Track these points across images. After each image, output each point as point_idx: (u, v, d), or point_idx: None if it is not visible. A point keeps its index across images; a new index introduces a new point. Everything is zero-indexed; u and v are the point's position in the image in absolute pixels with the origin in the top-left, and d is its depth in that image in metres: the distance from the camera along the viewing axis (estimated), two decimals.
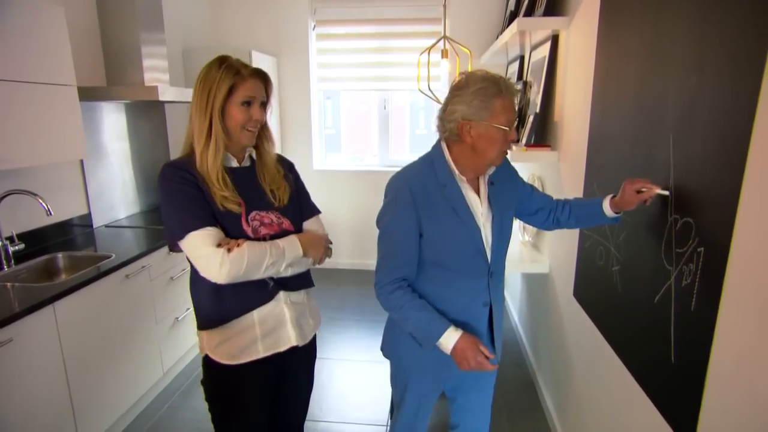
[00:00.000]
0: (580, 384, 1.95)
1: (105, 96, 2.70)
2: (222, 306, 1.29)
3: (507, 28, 2.66)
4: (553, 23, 2.18)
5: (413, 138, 4.93)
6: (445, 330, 1.27)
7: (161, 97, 2.60)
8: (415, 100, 4.75)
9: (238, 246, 1.21)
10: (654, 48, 1.29)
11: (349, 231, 4.53)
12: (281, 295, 1.35)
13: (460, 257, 1.33)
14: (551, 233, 2.42)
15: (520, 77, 3.06)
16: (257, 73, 1.28)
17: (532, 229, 2.81)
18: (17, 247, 2.25)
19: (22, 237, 2.31)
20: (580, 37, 1.98)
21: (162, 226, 1.28)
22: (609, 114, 1.63)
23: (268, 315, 1.33)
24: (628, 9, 1.48)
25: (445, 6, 3.19)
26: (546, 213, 1.53)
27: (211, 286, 1.25)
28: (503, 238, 1.40)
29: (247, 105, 1.26)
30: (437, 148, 1.36)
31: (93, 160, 2.79)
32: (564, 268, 2.18)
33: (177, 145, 1.36)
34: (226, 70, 1.23)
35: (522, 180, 1.52)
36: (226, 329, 1.31)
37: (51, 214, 2.18)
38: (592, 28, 1.81)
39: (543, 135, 2.43)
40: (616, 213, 1.37)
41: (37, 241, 2.42)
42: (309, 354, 1.52)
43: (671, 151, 1.18)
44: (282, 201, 1.37)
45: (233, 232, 1.26)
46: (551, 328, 2.41)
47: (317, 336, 1.52)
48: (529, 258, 2.62)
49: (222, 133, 1.25)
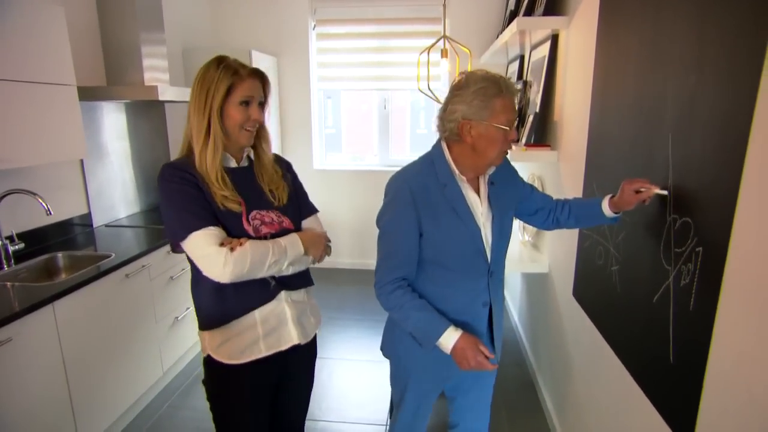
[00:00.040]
0: (579, 383, 1.95)
1: (105, 96, 2.70)
2: (224, 306, 1.29)
3: (507, 27, 2.66)
4: (553, 23, 2.18)
5: (414, 138, 4.93)
6: (445, 330, 1.27)
7: (161, 97, 2.60)
8: (416, 99, 4.75)
9: (240, 245, 1.21)
10: (653, 47, 1.29)
11: (349, 231, 4.53)
12: (282, 294, 1.35)
13: (460, 257, 1.33)
14: (551, 233, 2.42)
15: (520, 77, 3.06)
16: (255, 73, 1.29)
17: (531, 229, 2.81)
18: (17, 247, 2.25)
19: (22, 236, 2.31)
20: (579, 37, 1.98)
21: (162, 225, 1.28)
22: (608, 113, 1.63)
23: (269, 314, 1.33)
24: (627, 8, 1.48)
25: (445, 5, 3.19)
26: (546, 213, 1.53)
27: (213, 286, 1.25)
28: (503, 237, 1.40)
29: (246, 105, 1.26)
30: (437, 147, 1.36)
31: (93, 159, 2.80)
32: (563, 267, 2.18)
33: (177, 145, 1.36)
34: (224, 70, 1.23)
35: (522, 180, 1.52)
36: (228, 329, 1.31)
37: (51, 213, 2.19)
38: (591, 27, 1.81)
39: (543, 134, 2.43)
40: (615, 213, 1.37)
41: (37, 241, 2.42)
42: (310, 353, 1.52)
43: (670, 151, 1.18)
44: (281, 201, 1.37)
45: (234, 231, 1.26)
46: (551, 327, 2.41)
47: (317, 335, 1.52)
48: (529, 258, 2.61)
49: (221, 133, 1.25)
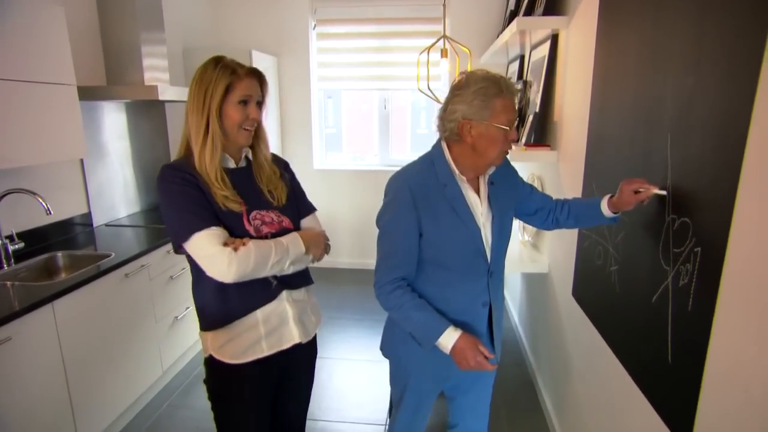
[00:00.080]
0: (578, 384, 1.95)
1: (105, 95, 2.71)
2: (226, 306, 1.29)
3: (507, 27, 2.66)
4: (553, 23, 2.18)
5: (414, 137, 4.93)
6: (445, 330, 1.27)
7: (161, 97, 2.60)
8: (417, 99, 4.75)
9: (243, 245, 1.22)
10: (653, 47, 1.29)
11: (350, 230, 4.53)
12: (284, 294, 1.36)
13: (459, 257, 1.33)
14: (550, 233, 2.42)
15: (520, 76, 3.06)
16: (253, 72, 1.29)
17: (531, 229, 2.80)
18: (17, 246, 2.25)
19: (22, 236, 2.31)
20: (579, 37, 1.98)
21: (162, 225, 1.28)
22: (608, 113, 1.63)
23: (271, 313, 1.34)
24: (627, 8, 1.48)
25: (445, 5, 3.19)
26: (545, 213, 1.53)
27: (216, 286, 1.25)
28: (503, 238, 1.39)
29: (244, 104, 1.26)
30: (437, 147, 1.35)
31: (93, 159, 2.80)
32: (563, 267, 2.18)
33: (177, 145, 1.36)
34: (222, 69, 1.23)
35: (522, 180, 1.52)
36: (230, 329, 1.31)
37: (50, 213, 2.19)
38: (591, 27, 1.80)
39: (542, 134, 2.43)
40: (614, 213, 1.37)
41: (37, 240, 2.42)
42: (310, 351, 1.52)
43: (669, 151, 1.18)
44: (280, 201, 1.38)
45: (236, 231, 1.27)
46: (550, 327, 2.41)
47: (317, 334, 1.52)
48: (529, 258, 2.61)
49: (219, 133, 1.25)
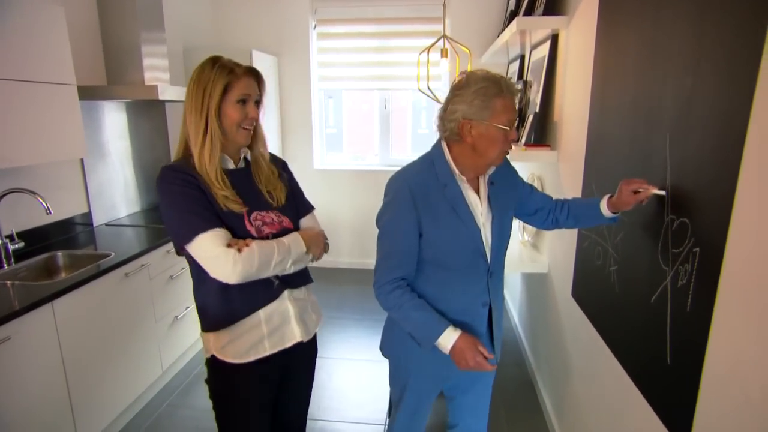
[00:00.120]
0: (578, 384, 1.95)
1: (105, 95, 2.71)
2: (229, 307, 1.29)
3: (507, 27, 2.66)
4: (553, 22, 2.17)
5: (415, 137, 4.93)
6: (444, 330, 1.27)
7: (161, 96, 2.61)
8: (417, 99, 4.76)
9: (247, 245, 1.22)
10: (652, 47, 1.29)
11: (350, 230, 4.53)
12: (285, 293, 1.36)
13: (459, 257, 1.33)
14: (550, 233, 2.41)
15: (520, 76, 3.06)
16: (250, 71, 1.29)
17: (531, 229, 2.80)
18: (17, 246, 2.25)
19: (22, 235, 2.32)
20: (579, 37, 1.98)
21: (162, 225, 1.28)
22: (607, 113, 1.62)
23: (273, 313, 1.34)
24: (627, 8, 1.48)
25: (445, 5, 3.19)
26: (545, 213, 1.52)
27: (218, 287, 1.25)
28: (503, 238, 1.39)
29: (243, 103, 1.27)
30: (437, 147, 1.35)
31: (93, 158, 2.80)
32: (562, 267, 2.18)
33: (177, 144, 1.36)
34: (219, 69, 1.23)
35: (522, 180, 1.52)
36: (233, 329, 1.31)
37: (50, 212, 2.19)
38: (591, 27, 1.80)
39: (542, 134, 2.43)
40: (613, 213, 1.37)
41: (38, 240, 2.43)
42: (311, 351, 1.53)
43: (668, 151, 1.18)
44: (280, 201, 1.38)
45: (237, 232, 1.27)
46: (550, 327, 2.40)
47: (317, 333, 1.53)
48: (529, 258, 2.61)
49: (219, 132, 1.25)
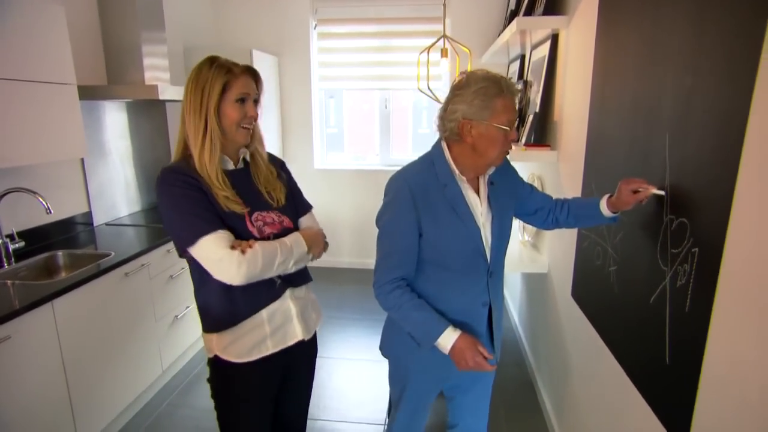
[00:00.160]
0: (578, 384, 1.95)
1: (105, 95, 2.71)
2: (232, 307, 1.30)
3: (507, 27, 2.66)
4: (553, 22, 2.17)
5: (416, 137, 4.92)
6: (444, 330, 1.27)
7: (161, 96, 2.61)
8: (418, 99, 4.75)
9: (250, 247, 1.22)
10: (652, 47, 1.29)
11: (350, 230, 4.53)
12: (287, 292, 1.37)
13: (459, 257, 1.32)
14: (550, 233, 2.41)
15: (520, 76, 3.05)
16: (248, 70, 1.29)
17: (531, 229, 2.80)
18: (17, 245, 2.26)
19: (22, 235, 2.32)
20: (579, 37, 1.98)
21: (162, 225, 1.28)
22: (607, 113, 1.62)
23: (276, 312, 1.35)
24: (626, 7, 1.48)
25: (445, 5, 3.19)
26: (545, 213, 1.52)
27: (221, 288, 1.25)
28: (503, 238, 1.39)
29: (241, 102, 1.27)
30: (437, 147, 1.35)
31: (94, 158, 2.81)
32: (562, 267, 2.18)
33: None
34: (217, 69, 1.23)
35: (521, 180, 1.52)
36: (236, 329, 1.31)
37: (51, 212, 2.19)
38: (591, 27, 1.80)
39: (542, 134, 2.43)
40: (613, 213, 1.37)
41: (38, 239, 2.43)
42: (311, 349, 1.54)
43: (667, 151, 1.18)
44: (280, 202, 1.38)
45: (239, 232, 1.27)
46: (550, 327, 2.40)
47: (317, 333, 1.53)
48: (529, 258, 2.61)
49: (218, 132, 1.25)
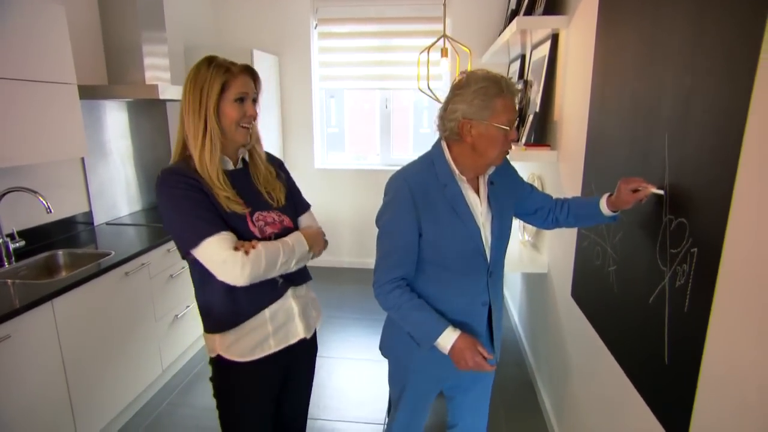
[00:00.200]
0: (577, 384, 1.94)
1: (106, 94, 2.72)
2: (235, 307, 1.30)
3: (508, 26, 2.65)
4: (553, 22, 2.17)
5: (417, 137, 4.92)
6: (444, 330, 1.27)
7: (161, 96, 2.61)
8: (419, 99, 4.74)
9: (253, 247, 1.22)
10: (651, 46, 1.28)
11: (350, 229, 4.53)
12: (289, 291, 1.37)
13: (459, 257, 1.32)
14: (550, 233, 2.41)
15: (521, 76, 3.05)
16: (246, 69, 1.29)
17: (531, 229, 2.80)
18: (18, 244, 2.26)
19: (23, 234, 2.32)
20: (579, 36, 1.97)
21: (162, 225, 1.27)
22: (607, 113, 1.62)
23: (278, 311, 1.35)
24: (626, 6, 1.48)
25: (445, 5, 3.18)
26: (545, 212, 1.52)
27: (224, 288, 1.26)
28: (503, 237, 1.39)
29: (240, 102, 1.26)
30: (437, 147, 1.35)
31: (94, 157, 2.81)
32: (562, 267, 2.18)
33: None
34: (215, 68, 1.23)
35: (521, 179, 1.51)
36: (238, 329, 1.32)
37: (51, 211, 2.19)
38: (591, 26, 1.80)
39: (542, 134, 2.43)
40: (613, 212, 1.37)
41: (38, 239, 2.43)
42: (312, 347, 1.54)
43: (666, 151, 1.18)
44: (280, 201, 1.38)
45: (240, 233, 1.27)
46: (550, 328, 2.40)
47: (317, 332, 1.53)
48: (529, 258, 2.61)
49: (218, 131, 1.25)
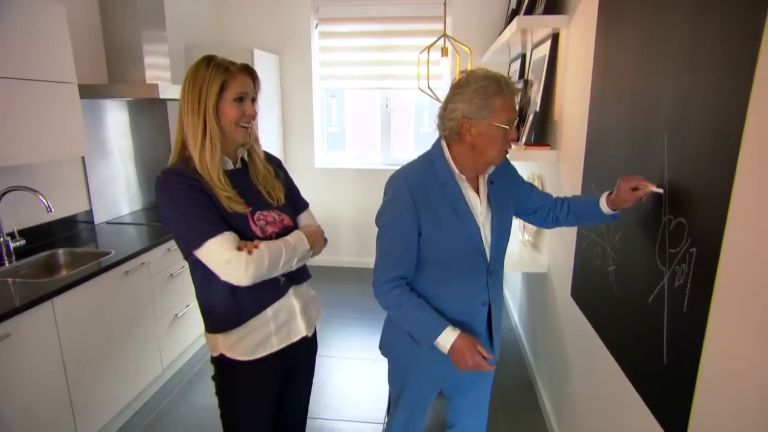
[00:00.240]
0: (577, 384, 1.94)
1: (106, 93, 2.72)
2: (238, 307, 1.30)
3: (508, 26, 2.65)
4: (553, 21, 2.17)
5: (418, 136, 4.91)
6: (443, 329, 1.26)
7: (162, 95, 2.61)
8: (420, 98, 4.73)
9: (256, 247, 1.23)
10: (651, 46, 1.28)
11: (350, 229, 4.53)
12: (291, 289, 1.38)
13: (459, 256, 1.32)
14: (550, 232, 2.41)
15: (521, 75, 3.05)
16: (245, 69, 1.29)
17: (531, 228, 2.80)
18: (18, 243, 2.26)
19: (23, 233, 2.33)
20: (579, 36, 1.97)
21: (161, 224, 1.28)
22: (607, 113, 1.62)
23: (280, 309, 1.36)
24: (626, 5, 1.47)
25: (446, 4, 3.18)
26: (545, 212, 1.52)
27: (227, 288, 1.26)
28: (502, 237, 1.39)
29: (240, 101, 1.26)
30: (437, 146, 1.35)
31: (95, 157, 2.81)
32: (562, 267, 2.17)
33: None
34: (215, 68, 1.23)
35: (521, 179, 1.51)
36: (241, 328, 1.32)
37: (51, 210, 2.19)
38: (591, 26, 1.80)
39: (543, 134, 2.42)
40: (613, 210, 1.37)
41: (39, 237, 2.44)
42: (313, 346, 1.55)
43: (665, 151, 1.17)
44: (279, 201, 1.39)
45: (242, 232, 1.27)
46: (550, 328, 2.40)
47: (317, 330, 1.54)
48: (529, 257, 2.61)
49: (218, 131, 1.25)
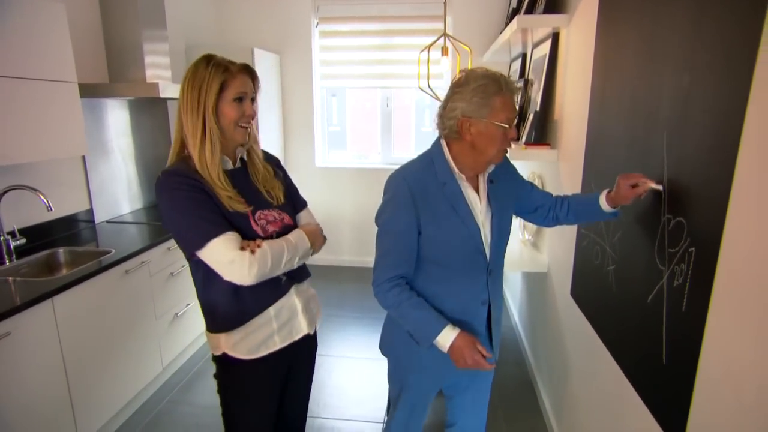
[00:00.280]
0: (577, 383, 1.94)
1: (107, 93, 2.72)
2: (240, 306, 1.30)
3: (508, 25, 2.65)
4: (553, 21, 2.16)
5: (418, 136, 4.91)
6: (443, 328, 1.26)
7: (162, 94, 2.62)
8: (421, 97, 4.72)
9: (258, 247, 1.23)
10: (651, 45, 1.28)
11: (350, 228, 4.53)
12: (292, 288, 1.38)
13: (458, 255, 1.32)
14: (550, 231, 2.41)
15: (522, 75, 3.05)
16: (245, 69, 1.29)
17: (531, 228, 2.80)
18: (19, 242, 2.27)
19: (23, 232, 2.33)
20: (579, 35, 1.97)
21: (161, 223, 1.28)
22: (607, 112, 1.62)
23: (282, 308, 1.36)
24: (626, 4, 1.47)
25: (446, 3, 3.17)
26: (545, 210, 1.52)
27: (229, 288, 1.26)
28: (502, 236, 1.39)
29: (239, 101, 1.26)
30: (437, 145, 1.35)
31: (96, 156, 2.81)
32: (562, 267, 2.17)
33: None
34: (214, 67, 1.22)
35: (521, 178, 1.51)
36: (244, 327, 1.32)
37: (51, 209, 2.19)
38: (591, 25, 1.79)
39: (543, 133, 2.42)
40: (613, 208, 1.36)
41: (39, 236, 2.44)
42: (313, 344, 1.55)
43: (665, 151, 1.17)
44: (279, 200, 1.39)
45: (244, 232, 1.27)
46: (550, 327, 2.40)
47: (317, 329, 1.54)
48: (529, 257, 2.60)
49: (217, 131, 1.25)
